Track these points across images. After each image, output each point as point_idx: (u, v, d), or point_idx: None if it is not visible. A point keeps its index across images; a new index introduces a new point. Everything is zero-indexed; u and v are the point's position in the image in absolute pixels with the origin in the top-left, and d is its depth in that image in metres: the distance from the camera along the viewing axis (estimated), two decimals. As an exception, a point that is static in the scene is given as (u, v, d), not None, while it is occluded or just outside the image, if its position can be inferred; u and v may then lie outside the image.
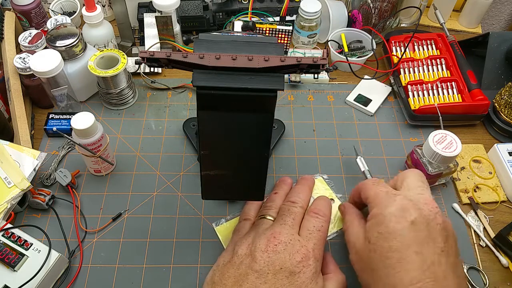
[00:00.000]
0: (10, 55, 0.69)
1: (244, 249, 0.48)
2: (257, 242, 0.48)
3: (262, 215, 0.53)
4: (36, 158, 0.60)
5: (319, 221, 0.51)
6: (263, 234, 0.49)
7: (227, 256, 0.50)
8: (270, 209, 0.54)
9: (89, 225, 0.59)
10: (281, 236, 0.48)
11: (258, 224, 0.53)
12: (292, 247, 0.47)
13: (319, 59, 0.42)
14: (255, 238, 0.49)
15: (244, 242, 0.49)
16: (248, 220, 0.55)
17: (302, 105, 0.74)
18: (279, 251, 0.46)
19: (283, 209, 0.53)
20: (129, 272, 0.55)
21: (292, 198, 0.54)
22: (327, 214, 0.53)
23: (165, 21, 0.72)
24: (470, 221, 0.60)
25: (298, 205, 0.53)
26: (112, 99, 0.70)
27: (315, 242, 0.49)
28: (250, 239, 0.49)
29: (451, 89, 0.71)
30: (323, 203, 0.55)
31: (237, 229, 0.55)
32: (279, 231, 0.49)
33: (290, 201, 0.54)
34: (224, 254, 0.51)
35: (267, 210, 0.54)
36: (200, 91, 0.41)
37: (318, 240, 0.49)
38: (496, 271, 0.56)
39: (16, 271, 0.50)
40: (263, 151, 0.46)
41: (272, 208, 0.54)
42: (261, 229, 0.50)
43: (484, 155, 0.67)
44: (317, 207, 0.53)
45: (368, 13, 0.80)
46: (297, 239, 0.48)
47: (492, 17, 0.91)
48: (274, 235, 0.48)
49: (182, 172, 0.64)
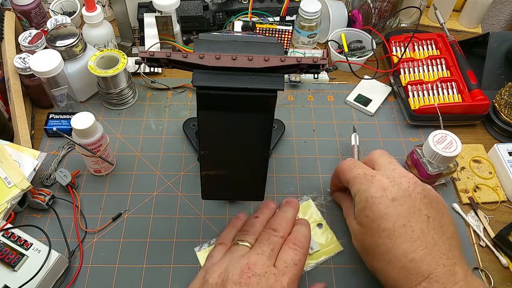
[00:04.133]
0: (10, 55, 0.69)
1: (215, 278, 0.46)
2: (230, 271, 0.46)
3: (240, 240, 0.50)
4: (36, 158, 0.60)
5: (297, 254, 0.49)
6: (237, 263, 0.47)
7: (197, 283, 0.48)
8: (248, 235, 0.51)
9: (89, 225, 0.59)
10: (256, 267, 0.46)
11: (233, 250, 0.50)
12: (266, 281, 0.45)
13: (319, 59, 0.42)
14: (228, 266, 0.47)
15: (216, 270, 0.47)
16: (224, 245, 0.52)
17: (302, 105, 0.74)
18: (252, 284, 0.44)
19: (263, 237, 0.50)
20: (129, 272, 0.55)
21: (273, 225, 0.52)
22: (305, 246, 0.50)
23: (165, 21, 0.72)
24: (470, 221, 0.60)
25: (279, 234, 0.50)
26: (112, 99, 0.70)
27: (290, 276, 0.46)
28: (223, 267, 0.47)
29: (451, 89, 0.71)
30: (303, 232, 0.52)
31: (211, 254, 0.52)
32: (255, 261, 0.46)
33: (271, 228, 0.51)
34: (195, 281, 0.49)
35: (244, 235, 0.51)
36: (200, 91, 0.41)
37: (294, 274, 0.47)
38: (496, 271, 0.56)
39: (16, 271, 0.50)
40: (263, 151, 0.46)
41: (250, 233, 0.51)
42: (236, 256, 0.48)
43: (484, 155, 0.67)
44: (297, 237, 0.51)
45: (368, 13, 0.80)
46: (272, 272, 0.46)
47: (492, 17, 0.91)
48: (249, 265, 0.46)
49: (182, 172, 0.64)
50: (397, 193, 0.47)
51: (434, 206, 0.47)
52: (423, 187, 0.48)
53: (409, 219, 0.46)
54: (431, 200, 0.48)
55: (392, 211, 0.46)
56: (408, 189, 0.47)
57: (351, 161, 0.54)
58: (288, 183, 0.64)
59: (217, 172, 0.48)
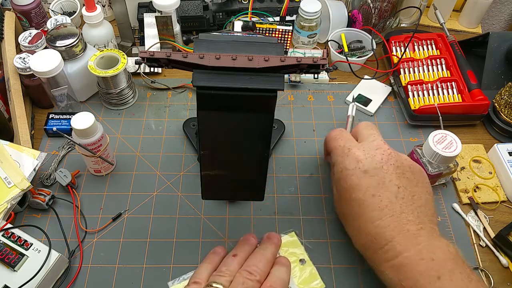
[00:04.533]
0: (10, 55, 0.69)
1: None
2: None
3: (214, 282, 0.47)
4: (36, 158, 0.60)
5: None
6: None
7: None
8: (223, 276, 0.48)
9: (89, 225, 0.59)
10: None
11: None
12: None
13: (319, 59, 0.42)
14: None
15: None
16: (198, 284, 0.48)
17: (302, 105, 0.74)
18: None
19: (238, 280, 0.47)
20: (129, 272, 0.55)
21: (250, 267, 0.49)
22: None
23: (165, 21, 0.72)
24: (470, 221, 0.60)
25: (255, 278, 0.47)
26: (112, 99, 0.70)
27: None
28: None
29: (451, 89, 0.71)
30: (282, 276, 0.49)
31: None
32: None
33: (248, 271, 0.48)
34: None
35: (219, 276, 0.48)
36: (200, 91, 0.41)
37: None
38: (496, 271, 0.56)
39: (16, 271, 0.50)
40: (263, 151, 0.46)
41: (225, 274, 0.48)
42: None
43: (484, 155, 0.67)
44: (275, 282, 0.48)
45: (368, 13, 0.80)
46: None
47: (492, 17, 0.91)
48: None
49: (182, 172, 0.64)
50: (370, 165, 0.50)
51: (407, 176, 0.50)
52: (397, 158, 0.51)
53: (378, 189, 0.49)
54: (404, 170, 0.50)
55: (363, 182, 0.49)
56: (382, 161, 0.50)
57: (338, 131, 0.57)
58: (288, 183, 0.64)
59: (217, 172, 0.48)
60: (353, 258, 0.56)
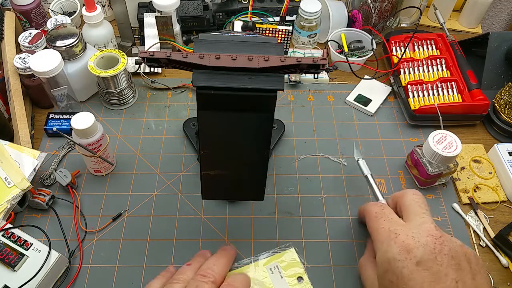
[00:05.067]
0: (10, 55, 0.69)
1: None
2: None
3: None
4: (36, 158, 0.60)
5: None
6: None
7: None
8: (177, 283, 0.46)
9: (89, 225, 0.59)
10: None
11: None
12: None
13: (319, 59, 0.42)
14: None
15: None
16: None
17: (302, 105, 0.74)
18: None
19: (191, 285, 0.45)
20: (129, 272, 0.55)
21: (204, 271, 0.46)
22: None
23: (165, 21, 0.72)
24: (470, 221, 0.60)
25: (209, 279, 0.45)
26: (112, 99, 0.70)
27: None
28: None
29: (451, 89, 0.71)
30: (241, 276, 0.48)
31: None
32: None
33: (202, 274, 0.46)
34: None
35: (172, 284, 0.46)
36: (200, 91, 0.41)
37: None
38: (496, 271, 0.56)
39: (16, 271, 0.50)
40: (263, 151, 0.46)
41: (179, 281, 0.46)
42: None
43: (484, 155, 0.67)
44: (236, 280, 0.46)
45: (368, 13, 0.80)
46: None
47: (492, 17, 0.91)
48: None
49: (182, 172, 0.64)
50: (422, 256, 0.43)
51: (463, 268, 0.44)
52: (450, 246, 0.44)
53: (434, 284, 0.42)
54: (460, 260, 0.44)
55: (417, 277, 0.43)
56: (434, 251, 0.44)
57: (379, 208, 0.51)
58: (288, 183, 0.64)
59: (217, 172, 0.48)
60: (353, 258, 0.56)
